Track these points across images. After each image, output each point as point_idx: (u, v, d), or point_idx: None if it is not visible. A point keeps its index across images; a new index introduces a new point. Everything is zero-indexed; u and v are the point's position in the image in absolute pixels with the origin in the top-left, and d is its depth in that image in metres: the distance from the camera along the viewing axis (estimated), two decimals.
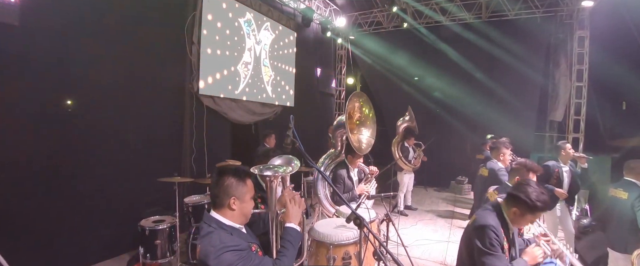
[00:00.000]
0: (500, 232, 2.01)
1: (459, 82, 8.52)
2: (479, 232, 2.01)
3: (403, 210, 6.72)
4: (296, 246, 1.70)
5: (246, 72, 6.48)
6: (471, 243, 2.05)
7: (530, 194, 1.98)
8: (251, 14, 6.56)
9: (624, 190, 3.36)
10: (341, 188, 3.61)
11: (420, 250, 5.15)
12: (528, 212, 2.00)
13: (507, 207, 2.09)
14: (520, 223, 2.09)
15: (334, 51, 10.25)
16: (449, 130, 8.35)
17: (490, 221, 2.02)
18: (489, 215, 2.08)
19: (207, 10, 5.49)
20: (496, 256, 1.93)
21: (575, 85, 7.73)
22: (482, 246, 1.96)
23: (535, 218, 2.06)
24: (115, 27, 4.23)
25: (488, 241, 1.95)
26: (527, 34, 8.04)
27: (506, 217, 2.09)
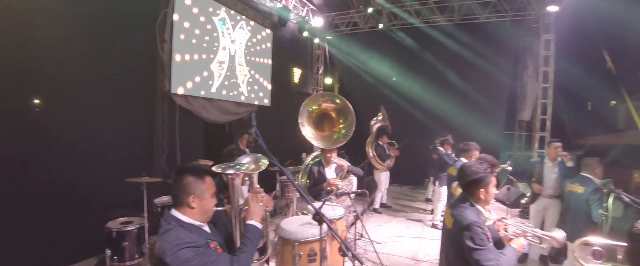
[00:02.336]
0: (483, 225, 2.07)
1: (433, 82, 8.75)
2: (466, 232, 2.04)
3: (378, 208, 6.82)
4: (256, 243, 1.71)
5: (220, 71, 6.40)
6: (460, 245, 2.08)
7: (477, 169, 2.13)
8: (226, 12, 6.48)
9: (581, 185, 3.55)
10: (312, 182, 3.65)
11: (393, 246, 5.25)
12: (487, 185, 2.12)
13: (472, 195, 2.16)
14: (489, 200, 2.17)
15: (311, 51, 10.27)
16: (423, 129, 8.53)
17: (472, 218, 2.06)
18: (466, 211, 2.12)
19: (180, 7, 5.38)
20: (488, 250, 1.99)
21: (541, 86, 8.06)
22: (473, 245, 2.00)
23: (495, 185, 2.16)
24: (84, 23, 4.11)
25: (477, 238, 2.00)
26: (497, 37, 8.35)
27: (477, 205, 2.16)
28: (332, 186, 3.46)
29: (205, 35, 5.95)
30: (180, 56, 5.46)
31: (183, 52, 5.50)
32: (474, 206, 2.13)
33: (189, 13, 5.60)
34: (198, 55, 5.82)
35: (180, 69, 5.44)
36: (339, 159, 3.84)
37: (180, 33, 5.43)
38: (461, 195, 2.21)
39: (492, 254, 1.96)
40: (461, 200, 2.18)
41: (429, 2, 8.52)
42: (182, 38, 5.47)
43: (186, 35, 5.53)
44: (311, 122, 3.61)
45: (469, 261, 1.99)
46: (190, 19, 5.62)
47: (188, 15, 5.58)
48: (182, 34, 5.46)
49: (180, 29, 5.41)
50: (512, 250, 2.09)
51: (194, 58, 5.73)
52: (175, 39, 5.33)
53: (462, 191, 2.19)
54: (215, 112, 6.21)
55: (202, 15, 5.87)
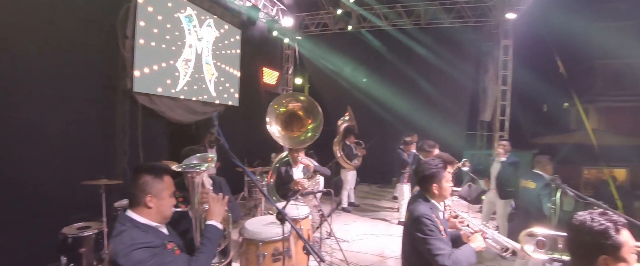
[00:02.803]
0: (433, 217, 2.14)
1: (399, 84, 9.03)
2: (416, 224, 2.13)
3: (346, 207, 6.92)
4: (216, 243, 1.69)
5: (186, 69, 6.23)
6: (413, 236, 2.15)
7: (430, 165, 2.22)
8: (192, 9, 6.33)
9: (533, 181, 3.80)
10: (279, 181, 3.66)
11: (361, 244, 5.35)
12: (440, 180, 2.21)
13: (427, 190, 2.25)
14: (444, 194, 2.26)
15: (280, 51, 10.23)
16: (390, 129, 8.76)
17: (423, 211, 2.15)
18: (420, 205, 2.21)
19: (143, 2, 5.19)
20: (438, 239, 2.06)
21: (500, 89, 8.50)
22: (422, 235, 2.08)
23: (448, 180, 2.25)
24: (40, 19, 3.90)
25: (426, 229, 2.08)
26: (460, 41, 8.76)
27: (431, 199, 2.25)
28: (299, 186, 3.48)
29: (170, 33, 5.77)
30: (144, 54, 5.26)
31: (146, 49, 5.30)
32: (428, 201, 2.23)
33: (153, 9, 5.42)
34: (163, 53, 5.64)
35: (143, 68, 5.24)
36: (306, 159, 3.87)
37: (144, 30, 5.23)
38: (418, 191, 2.31)
39: (442, 243, 2.04)
40: (418, 195, 2.29)
41: (396, 6, 8.76)
42: (146, 35, 5.27)
43: (149, 32, 5.34)
44: (280, 122, 3.62)
45: (423, 252, 2.07)
46: (154, 15, 5.43)
47: (152, 11, 5.39)
48: (145, 30, 5.27)
49: (143, 26, 5.22)
50: (471, 248, 2.17)
51: (158, 56, 5.54)
52: (137, 35, 5.13)
53: (419, 187, 2.29)
54: (180, 112, 6.04)
55: (166, 12, 5.69)
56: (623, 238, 1.35)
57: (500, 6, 8.10)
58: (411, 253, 2.26)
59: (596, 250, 1.36)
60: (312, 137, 3.65)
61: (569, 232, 1.47)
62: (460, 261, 2.01)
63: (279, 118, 3.61)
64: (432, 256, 2.01)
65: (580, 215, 1.44)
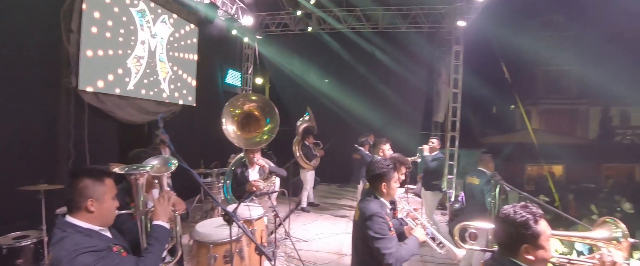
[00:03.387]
0: (384, 215, 2.23)
1: (357, 86, 9.29)
2: (368, 222, 2.19)
3: (306, 207, 6.98)
4: (163, 243, 1.68)
5: (138, 67, 5.95)
6: (365, 234, 2.22)
7: (381, 165, 2.32)
8: (145, 4, 6.06)
9: (477, 178, 4.09)
10: (234, 182, 3.64)
11: (320, 242, 5.43)
12: (389, 181, 2.31)
13: (376, 189, 2.35)
14: (391, 194, 2.37)
15: (240, 50, 10.07)
16: (348, 130, 8.96)
17: (375, 209, 2.22)
18: (371, 203, 2.29)
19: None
20: (387, 239, 2.14)
21: (452, 91, 8.98)
22: (374, 234, 2.15)
23: (397, 180, 2.37)
24: None
25: (378, 227, 2.16)
26: (416, 46, 9.18)
27: (380, 197, 2.34)
28: (254, 187, 3.48)
29: (120, 28, 5.48)
30: (91, 50, 4.96)
31: (94, 45, 5.01)
32: (378, 199, 2.32)
33: (102, 2, 5.12)
34: (112, 50, 5.35)
35: (90, 64, 4.94)
36: (262, 160, 3.87)
37: (91, 24, 4.93)
38: (368, 189, 2.40)
39: (391, 243, 2.14)
40: (367, 193, 2.38)
41: (355, 10, 8.96)
42: (94, 30, 4.98)
43: (98, 26, 5.05)
44: (236, 123, 3.59)
45: (372, 249, 2.16)
46: (103, 8, 5.14)
47: (100, 4, 5.09)
48: (93, 24, 4.97)
49: (90, 19, 4.92)
50: (414, 239, 2.31)
51: (107, 52, 5.25)
52: (84, 30, 4.82)
53: (369, 184, 2.39)
54: (131, 112, 5.76)
55: (116, 6, 5.40)
56: (541, 228, 1.50)
57: (452, 14, 8.56)
58: (362, 249, 2.34)
59: (518, 239, 1.49)
60: (268, 139, 3.66)
61: (495, 224, 1.62)
62: (404, 256, 2.14)
63: (235, 120, 3.58)
64: (380, 254, 2.11)
65: (504, 208, 1.58)
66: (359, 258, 2.43)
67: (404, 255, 2.15)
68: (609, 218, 1.73)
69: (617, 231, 1.67)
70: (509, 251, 1.54)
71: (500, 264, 1.56)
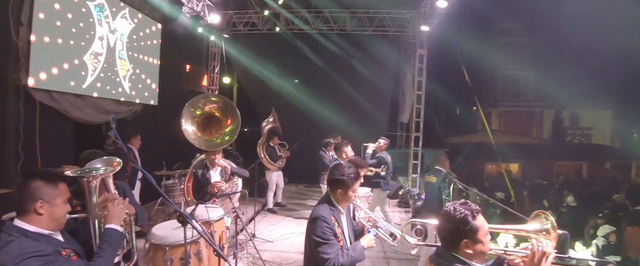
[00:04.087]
0: (331, 220, 2.22)
1: (325, 87, 9.41)
2: (312, 225, 2.22)
3: (272, 208, 6.97)
4: (116, 247, 1.66)
5: (96, 64, 5.70)
6: (309, 236, 2.25)
7: (343, 172, 2.29)
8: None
9: (434, 176, 4.30)
10: (195, 184, 3.61)
11: (285, 243, 5.46)
12: (347, 189, 2.29)
13: (333, 193, 2.36)
14: (347, 200, 2.35)
15: (206, 48, 9.87)
16: (316, 130, 9.03)
17: (321, 213, 2.23)
18: (321, 207, 2.30)
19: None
20: (328, 244, 2.14)
21: (416, 93, 9.29)
22: (316, 237, 2.15)
23: (355, 190, 2.35)
24: None
25: (320, 231, 2.16)
26: (382, 49, 9.43)
27: (335, 202, 2.34)
28: (216, 188, 3.45)
29: (76, 22, 5.22)
30: (48, 35, 4.69)
31: (52, 32, 4.74)
32: (332, 203, 2.33)
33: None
34: (73, 39, 5.09)
35: (42, 60, 4.68)
36: (223, 161, 3.84)
37: (43, 16, 4.66)
38: (326, 192, 2.45)
39: (331, 249, 2.13)
40: (324, 198, 2.40)
41: (323, 12, 9.05)
42: (46, 23, 4.70)
43: (51, 19, 4.78)
44: (196, 124, 3.55)
45: (314, 252, 2.18)
46: (58, 1, 4.88)
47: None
48: (45, 17, 4.70)
49: (42, 11, 4.65)
50: (361, 246, 2.29)
51: (67, 40, 4.99)
52: (35, 22, 4.55)
53: (328, 187, 2.44)
54: (88, 111, 5.51)
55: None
56: (479, 223, 1.60)
57: (417, 19, 8.87)
58: (310, 251, 2.32)
59: (458, 235, 1.59)
60: (230, 140, 3.65)
61: (438, 221, 1.73)
62: (343, 263, 2.13)
63: (196, 121, 3.54)
64: (320, 258, 2.13)
65: (446, 206, 1.69)
66: (307, 257, 2.45)
67: (344, 261, 2.14)
68: (541, 212, 1.88)
69: (547, 224, 1.81)
70: (451, 246, 1.63)
71: (443, 258, 1.65)
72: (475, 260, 1.61)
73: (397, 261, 4.89)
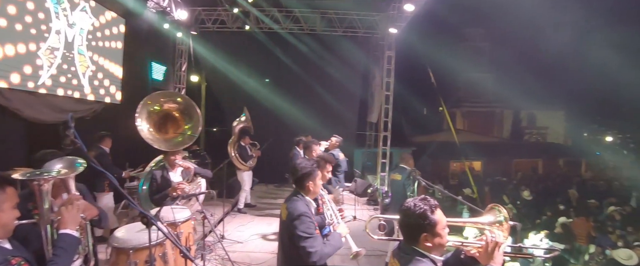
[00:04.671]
0: (311, 214, 2.32)
1: (295, 87, 9.43)
2: (296, 222, 2.26)
3: (242, 209, 6.89)
4: (72, 253, 1.59)
5: (52, 59, 5.38)
6: (292, 233, 2.28)
7: (304, 165, 2.44)
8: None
9: (399, 174, 4.45)
10: (154, 189, 3.44)
11: (255, 243, 5.44)
12: (314, 179, 2.43)
13: (302, 188, 2.44)
14: (316, 191, 2.48)
15: (173, 45, 9.56)
16: (286, 130, 9.03)
17: (301, 209, 2.30)
18: (298, 203, 2.36)
19: None
20: (313, 238, 2.23)
21: (384, 94, 9.51)
22: (301, 233, 2.22)
23: (319, 180, 2.49)
24: None
25: (305, 227, 2.23)
26: (351, 49, 9.59)
27: (306, 197, 2.43)
28: (179, 190, 3.34)
29: (30, 15, 4.90)
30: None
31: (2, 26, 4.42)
32: (304, 198, 2.42)
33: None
34: (26, 33, 4.76)
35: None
36: (184, 161, 3.72)
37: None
38: (294, 189, 2.50)
39: (316, 242, 2.25)
40: (294, 193, 2.47)
41: (294, 12, 9.05)
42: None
43: (7, 8, 4.46)
44: (152, 122, 3.40)
45: (298, 248, 2.25)
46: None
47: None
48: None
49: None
50: (337, 235, 2.43)
51: (19, 34, 4.67)
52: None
53: (295, 185, 2.49)
54: (44, 110, 5.19)
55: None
56: (437, 217, 1.69)
57: (385, 21, 9.07)
58: (289, 247, 2.40)
59: (418, 229, 1.68)
60: (191, 137, 3.54)
61: (400, 217, 1.79)
62: (328, 253, 2.27)
63: (152, 119, 3.39)
64: (306, 253, 2.21)
65: (406, 201, 1.77)
66: (286, 256, 2.50)
67: (328, 251, 2.28)
68: (495, 205, 2.02)
69: (500, 216, 1.95)
70: (412, 240, 1.72)
71: (405, 252, 1.74)
72: (434, 252, 1.70)
73: (365, 258, 5.00)
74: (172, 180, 3.56)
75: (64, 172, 1.66)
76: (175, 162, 3.64)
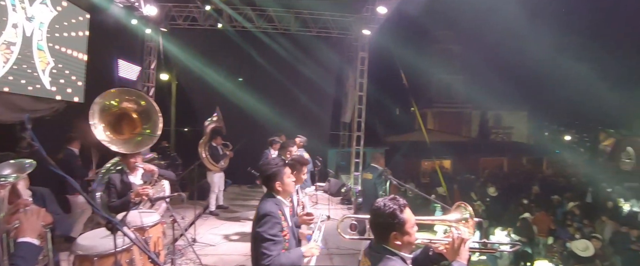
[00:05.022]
0: (278, 214, 2.28)
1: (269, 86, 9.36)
2: (260, 221, 2.23)
3: (214, 211, 6.74)
4: (31, 262, 1.50)
5: (8, 55, 5.04)
6: (256, 232, 2.25)
7: (271, 165, 2.43)
8: None
9: (370, 173, 4.54)
10: (114, 194, 3.22)
11: (228, 246, 5.36)
12: (282, 177, 2.40)
13: (272, 188, 2.42)
14: (287, 189, 2.45)
15: (141, 42, 9.21)
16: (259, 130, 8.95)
17: (268, 209, 2.27)
18: (267, 203, 2.33)
19: None
20: (274, 242, 2.16)
21: (358, 94, 9.63)
22: (263, 234, 2.17)
23: (288, 179, 2.45)
24: None
25: (268, 227, 2.18)
26: (326, 50, 9.64)
27: (277, 196, 2.41)
28: (142, 195, 3.16)
29: None
30: None
31: None
32: (274, 198, 2.40)
33: None
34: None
35: None
36: (146, 164, 3.56)
37: None
38: (266, 190, 2.49)
39: (275, 247, 2.16)
40: (265, 194, 2.46)
41: (268, 11, 8.96)
42: None
43: None
44: (106, 121, 3.21)
45: (257, 248, 2.21)
46: None
47: None
48: None
49: None
50: (299, 252, 2.31)
51: None
52: None
53: (264, 186, 2.47)
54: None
55: None
56: (406, 216, 1.73)
57: (359, 22, 9.17)
58: (255, 250, 2.32)
59: (388, 228, 1.71)
60: (151, 137, 3.38)
61: (370, 216, 1.82)
62: (282, 263, 2.16)
63: (106, 118, 3.20)
64: (260, 254, 2.16)
65: (377, 201, 1.80)
66: (254, 258, 2.46)
67: (283, 261, 2.18)
68: (461, 203, 2.09)
69: (466, 214, 2.03)
70: (382, 238, 1.75)
71: (376, 251, 1.77)
72: (404, 250, 1.75)
73: (339, 257, 5.05)
74: (133, 184, 3.35)
75: (21, 176, 1.57)
76: (135, 165, 3.42)
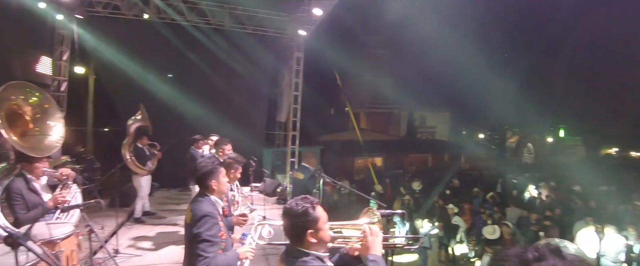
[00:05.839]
0: (216, 215, 2.24)
1: (199, 83, 8.95)
2: (199, 223, 2.16)
3: (140, 217, 6.22)
4: None
5: None
6: (193, 235, 2.16)
7: (205, 163, 2.40)
8: None
9: (301, 173, 4.63)
10: (22, 205, 2.85)
11: (156, 255, 5.04)
12: (217, 176, 2.37)
13: (206, 188, 2.36)
14: (222, 189, 2.43)
15: (52, 30, 8.13)
16: (189, 130, 8.52)
17: (206, 210, 2.21)
18: (202, 204, 2.27)
19: None
20: (211, 243, 2.12)
21: (293, 94, 9.70)
22: (202, 235, 2.11)
23: (223, 178, 2.44)
24: None
25: (206, 228, 2.13)
26: (261, 48, 9.52)
27: (211, 195, 2.36)
28: (62, 202, 2.87)
29: None
30: None
31: None
32: (209, 198, 2.35)
33: None
34: None
35: None
36: (63, 169, 3.22)
37: None
38: (199, 190, 2.41)
39: (212, 248, 2.15)
40: (199, 194, 2.38)
41: (200, 4, 8.54)
42: None
43: None
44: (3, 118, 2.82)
45: (194, 249, 2.16)
46: None
47: None
48: None
49: None
50: (235, 254, 2.30)
51: None
52: None
53: (198, 185, 2.40)
54: None
55: None
56: (318, 213, 1.74)
57: (295, 22, 9.23)
58: (191, 253, 2.27)
59: (303, 227, 1.69)
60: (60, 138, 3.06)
61: (283, 220, 1.78)
62: (218, 264, 2.15)
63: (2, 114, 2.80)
64: (197, 255, 2.12)
65: (287, 203, 1.79)
66: (191, 262, 2.39)
67: (221, 264, 2.17)
68: (369, 209, 2.20)
69: (374, 218, 2.09)
70: (297, 240, 1.73)
71: (291, 256, 1.75)
72: (320, 248, 1.76)
73: (275, 258, 5.05)
74: (39, 192, 3.00)
75: None
76: (42, 171, 3.08)
